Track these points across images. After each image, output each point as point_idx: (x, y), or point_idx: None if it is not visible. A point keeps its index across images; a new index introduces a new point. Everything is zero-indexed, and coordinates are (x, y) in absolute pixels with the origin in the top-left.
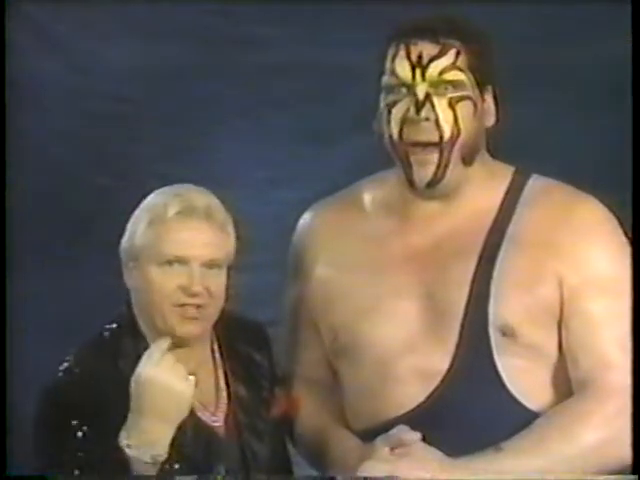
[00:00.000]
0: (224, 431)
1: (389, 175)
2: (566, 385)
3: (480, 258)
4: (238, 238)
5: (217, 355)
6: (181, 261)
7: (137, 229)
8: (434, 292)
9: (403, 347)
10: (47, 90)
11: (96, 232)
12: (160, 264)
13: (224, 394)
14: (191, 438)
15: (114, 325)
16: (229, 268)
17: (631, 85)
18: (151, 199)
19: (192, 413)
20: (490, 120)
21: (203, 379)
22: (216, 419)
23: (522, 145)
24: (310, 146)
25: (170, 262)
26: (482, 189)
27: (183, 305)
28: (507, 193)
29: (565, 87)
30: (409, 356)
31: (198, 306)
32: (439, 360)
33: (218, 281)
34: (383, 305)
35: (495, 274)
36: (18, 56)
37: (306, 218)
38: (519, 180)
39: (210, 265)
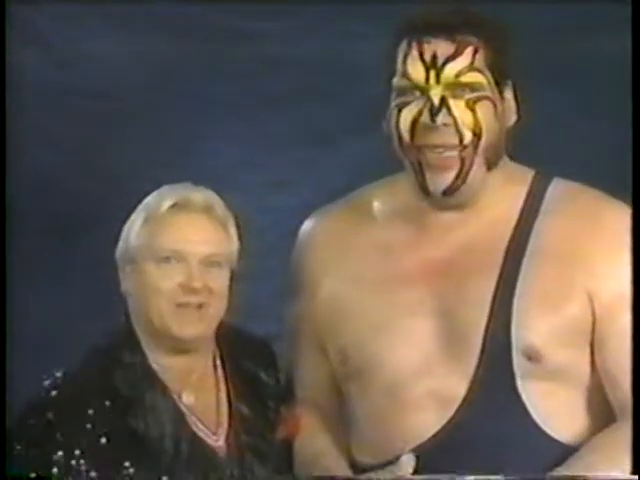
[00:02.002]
0: (225, 451)
1: (399, 180)
2: (599, 408)
3: (501, 273)
4: (241, 241)
5: (219, 370)
6: (178, 257)
7: (132, 230)
8: (451, 310)
9: (418, 370)
10: (28, 88)
11: (85, 243)
12: (157, 261)
13: (225, 412)
14: (188, 457)
15: (109, 338)
16: (232, 272)
17: (631, 85)
18: (146, 199)
19: (189, 430)
20: (511, 119)
21: (204, 394)
22: (216, 438)
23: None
24: (312, 148)
25: (167, 259)
26: (500, 196)
27: (182, 305)
28: (527, 200)
29: (566, 85)
30: (424, 379)
31: (199, 306)
32: (456, 384)
33: (219, 280)
34: (396, 324)
35: (517, 291)
36: None
37: (308, 226)
38: (540, 185)
39: (210, 262)
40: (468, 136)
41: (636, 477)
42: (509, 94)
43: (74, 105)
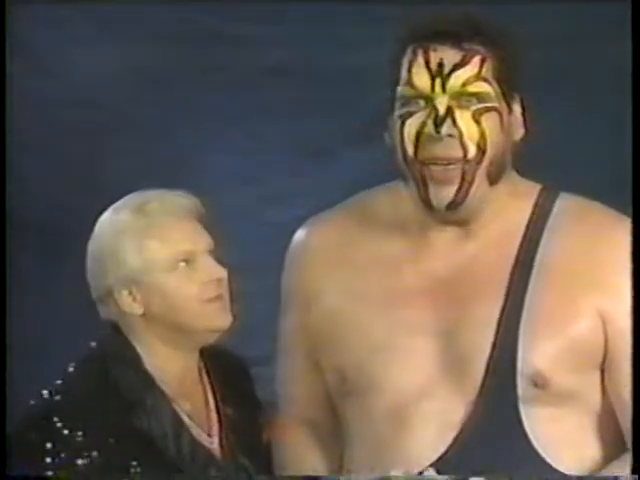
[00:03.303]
0: (220, 453)
1: (400, 188)
2: (609, 435)
3: (507, 294)
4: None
5: (205, 378)
6: (189, 257)
7: (122, 254)
8: (454, 331)
9: (419, 392)
10: (10, 96)
11: (70, 258)
12: (170, 269)
13: (215, 416)
14: (189, 457)
15: (102, 347)
16: None
17: (631, 86)
18: (119, 222)
19: (188, 432)
20: (518, 133)
21: (196, 399)
22: (211, 440)
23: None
24: (309, 160)
25: (179, 262)
26: (505, 211)
27: (212, 299)
28: (532, 216)
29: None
30: (426, 402)
31: (220, 295)
32: (458, 409)
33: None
34: (397, 343)
35: (524, 313)
36: None
37: (302, 235)
38: (546, 200)
39: (211, 252)
40: (472, 150)
41: (636, 477)
42: (517, 107)
43: (60, 115)
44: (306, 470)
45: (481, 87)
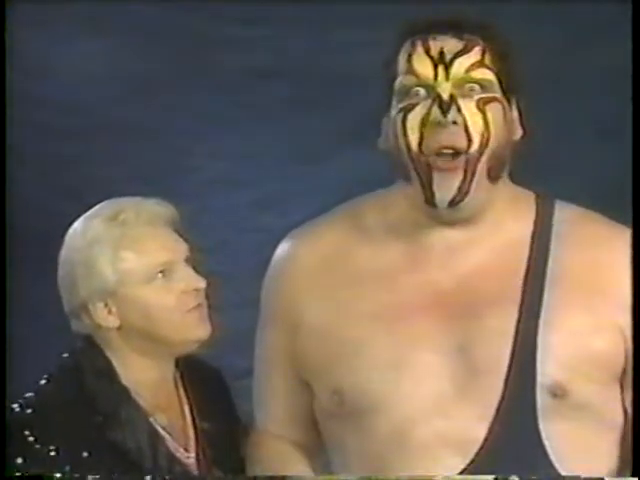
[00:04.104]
0: (196, 468)
1: (393, 194)
2: (625, 448)
3: (521, 305)
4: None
5: (181, 391)
6: (167, 267)
7: (99, 265)
8: (467, 345)
9: (429, 411)
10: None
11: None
12: (148, 280)
13: (192, 429)
14: (165, 472)
15: (74, 358)
16: None
17: (631, 87)
18: (92, 232)
19: (164, 446)
20: (517, 132)
21: (172, 413)
22: (188, 455)
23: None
24: (301, 163)
25: (158, 273)
26: (508, 217)
27: (191, 309)
28: (536, 223)
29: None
30: (436, 421)
31: (200, 304)
32: (475, 426)
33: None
34: (403, 360)
35: (541, 324)
36: None
37: (288, 246)
38: (545, 209)
39: (188, 260)
40: (477, 140)
41: (636, 478)
42: (515, 108)
43: (38, 117)
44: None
45: (485, 74)
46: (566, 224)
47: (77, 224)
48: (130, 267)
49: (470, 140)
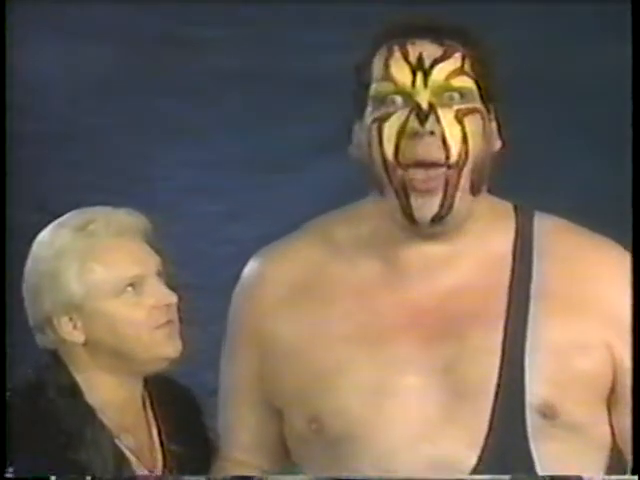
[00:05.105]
0: None
1: (366, 207)
2: (615, 468)
3: (506, 322)
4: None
5: (149, 412)
6: (136, 280)
7: (64, 278)
8: (452, 366)
9: (414, 436)
10: None
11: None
12: (117, 294)
13: (159, 451)
14: None
15: (38, 375)
16: None
17: (631, 87)
18: (59, 243)
19: (130, 468)
20: (496, 144)
21: (139, 434)
22: (155, 478)
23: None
24: (272, 173)
25: (126, 287)
26: (488, 230)
27: (161, 325)
28: (517, 236)
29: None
30: (423, 447)
31: (170, 320)
32: (464, 451)
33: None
34: (386, 384)
35: (528, 342)
36: None
37: (255, 268)
38: (525, 221)
39: (159, 274)
40: (454, 152)
41: (636, 477)
42: (493, 118)
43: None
44: None
45: (464, 82)
46: (548, 236)
47: (45, 233)
48: (98, 280)
49: (447, 152)
